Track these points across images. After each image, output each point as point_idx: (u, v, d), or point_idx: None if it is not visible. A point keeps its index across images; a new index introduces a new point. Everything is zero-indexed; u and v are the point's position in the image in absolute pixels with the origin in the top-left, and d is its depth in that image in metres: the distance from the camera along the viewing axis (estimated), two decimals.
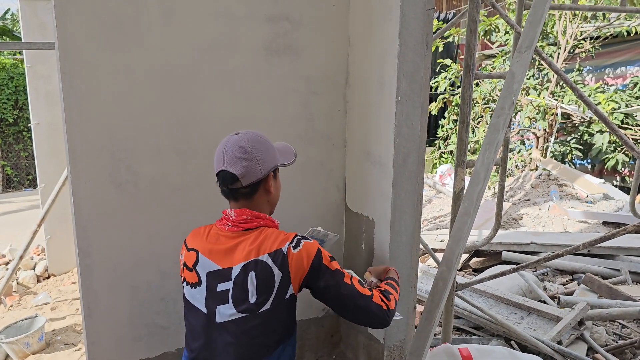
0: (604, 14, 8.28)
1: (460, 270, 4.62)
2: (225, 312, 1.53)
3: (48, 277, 5.05)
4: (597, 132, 8.21)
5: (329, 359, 2.80)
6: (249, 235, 1.56)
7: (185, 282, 1.64)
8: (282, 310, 1.55)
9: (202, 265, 1.58)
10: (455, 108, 10.17)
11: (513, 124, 8.57)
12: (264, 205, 1.64)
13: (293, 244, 1.53)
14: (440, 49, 9.76)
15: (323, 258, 1.55)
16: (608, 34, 8.69)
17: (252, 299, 1.50)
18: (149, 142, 2.15)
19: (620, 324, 3.36)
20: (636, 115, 8.00)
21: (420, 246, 2.48)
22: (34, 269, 5.11)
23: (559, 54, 8.42)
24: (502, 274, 2.37)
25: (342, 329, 2.85)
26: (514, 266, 2.36)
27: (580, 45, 8.74)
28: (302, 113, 2.49)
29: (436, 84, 9.45)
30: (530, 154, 8.95)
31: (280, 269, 1.50)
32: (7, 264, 5.35)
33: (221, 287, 1.53)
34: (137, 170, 2.14)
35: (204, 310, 1.56)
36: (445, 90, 9.53)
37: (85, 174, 2.04)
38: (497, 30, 8.56)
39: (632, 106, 7.92)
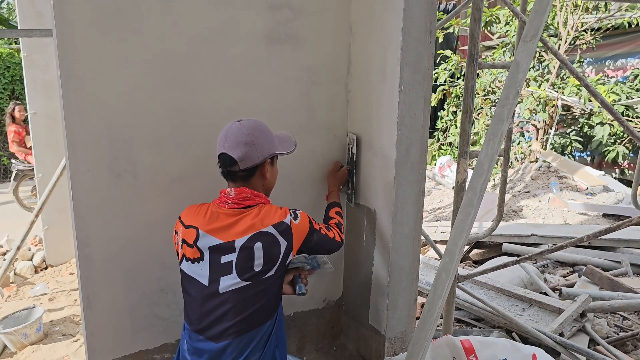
0: (605, 5, 8.23)
1: (460, 262, 4.60)
2: (229, 282, 1.67)
3: (46, 268, 5.03)
4: (597, 124, 8.19)
5: (329, 350, 2.79)
6: (249, 211, 1.73)
7: (184, 258, 1.75)
8: (281, 277, 1.77)
9: (203, 241, 1.70)
10: (455, 100, 10.14)
11: (513, 116, 8.57)
12: (259, 188, 1.81)
13: (293, 216, 1.77)
14: (440, 40, 9.70)
15: (313, 224, 1.85)
16: (609, 26, 8.65)
17: (258, 267, 1.67)
18: (148, 131, 2.12)
19: (621, 316, 3.36)
20: (637, 108, 7.98)
21: (421, 237, 2.46)
22: (31, 260, 5.08)
23: (559, 45, 8.38)
24: (505, 265, 2.35)
25: (343, 320, 2.84)
26: (516, 258, 2.35)
27: (581, 37, 8.69)
28: (303, 103, 2.46)
29: (436, 75, 9.41)
30: (530, 145, 8.93)
31: (284, 238, 1.72)
32: (4, 254, 5.32)
33: (225, 259, 1.68)
34: (136, 159, 2.11)
35: (206, 282, 1.70)
36: (444, 81, 9.49)
37: (83, 164, 2.01)
38: (497, 21, 8.51)
39: (632, 98, 7.90)
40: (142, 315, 2.27)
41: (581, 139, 8.73)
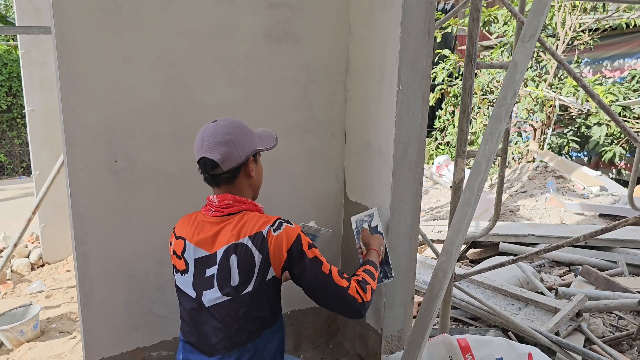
0: (603, 6, 8.24)
1: (457, 261, 4.61)
2: (212, 296, 1.58)
3: (42, 265, 5.02)
4: (594, 124, 8.20)
5: (326, 348, 2.79)
6: (231, 219, 1.61)
7: (175, 270, 1.70)
8: (264, 293, 1.58)
9: (189, 252, 1.64)
10: (453, 99, 10.15)
11: (511, 116, 8.58)
12: (246, 189, 1.69)
13: (274, 227, 1.56)
14: (438, 40, 9.71)
15: (302, 244, 1.57)
16: (607, 26, 8.66)
17: (234, 282, 1.55)
18: (146, 129, 2.12)
19: (617, 315, 3.37)
20: (634, 108, 8.00)
21: (419, 236, 2.47)
22: (28, 257, 5.07)
23: (557, 45, 8.40)
24: (502, 265, 2.36)
25: (340, 319, 2.85)
26: (513, 257, 2.36)
27: (579, 37, 8.70)
28: (301, 101, 2.47)
29: (434, 74, 9.42)
30: (527, 145, 8.95)
31: (259, 251, 1.54)
32: (1, 251, 5.31)
33: (208, 272, 1.59)
34: (134, 157, 2.11)
35: (193, 295, 1.63)
36: (442, 81, 9.51)
37: (81, 161, 2.01)
38: (496, 21, 8.53)
39: (629, 99, 7.92)
40: (139, 312, 2.27)
41: (578, 139, 8.75)
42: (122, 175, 2.10)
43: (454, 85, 9.94)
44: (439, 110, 11.00)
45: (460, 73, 9.50)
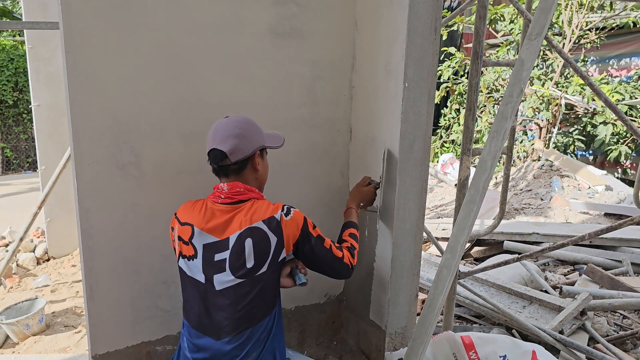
0: (610, 4, 8.20)
1: (461, 259, 4.60)
2: (223, 279, 1.67)
3: (48, 260, 5.05)
4: (600, 123, 8.17)
5: (329, 344, 2.80)
6: (242, 206, 1.71)
7: (180, 255, 1.75)
8: (275, 273, 1.73)
9: (198, 238, 1.70)
10: (458, 97, 10.13)
11: (516, 114, 8.55)
12: (252, 182, 1.79)
13: (284, 212, 1.72)
14: (444, 37, 9.69)
15: (309, 226, 1.76)
16: (614, 25, 8.61)
17: (249, 263, 1.66)
18: (153, 124, 2.13)
19: (621, 314, 3.36)
20: None
21: (423, 234, 2.47)
22: (33, 252, 5.10)
23: (564, 44, 8.36)
24: (506, 262, 2.36)
25: (343, 315, 2.85)
26: (517, 255, 2.35)
27: (586, 36, 8.66)
28: (307, 98, 2.47)
29: (439, 72, 9.39)
30: (532, 144, 8.92)
31: (274, 233, 1.68)
32: (6, 245, 5.35)
33: (218, 257, 1.67)
34: (140, 152, 2.12)
35: (202, 280, 1.70)
36: (448, 79, 9.49)
37: (88, 155, 2.02)
38: (502, 19, 8.50)
39: (636, 98, 7.87)
40: (144, 306, 2.28)
41: (584, 138, 8.72)
42: (128, 170, 2.11)
43: (460, 83, 9.91)
44: (445, 108, 10.99)
45: (466, 71, 9.47)
